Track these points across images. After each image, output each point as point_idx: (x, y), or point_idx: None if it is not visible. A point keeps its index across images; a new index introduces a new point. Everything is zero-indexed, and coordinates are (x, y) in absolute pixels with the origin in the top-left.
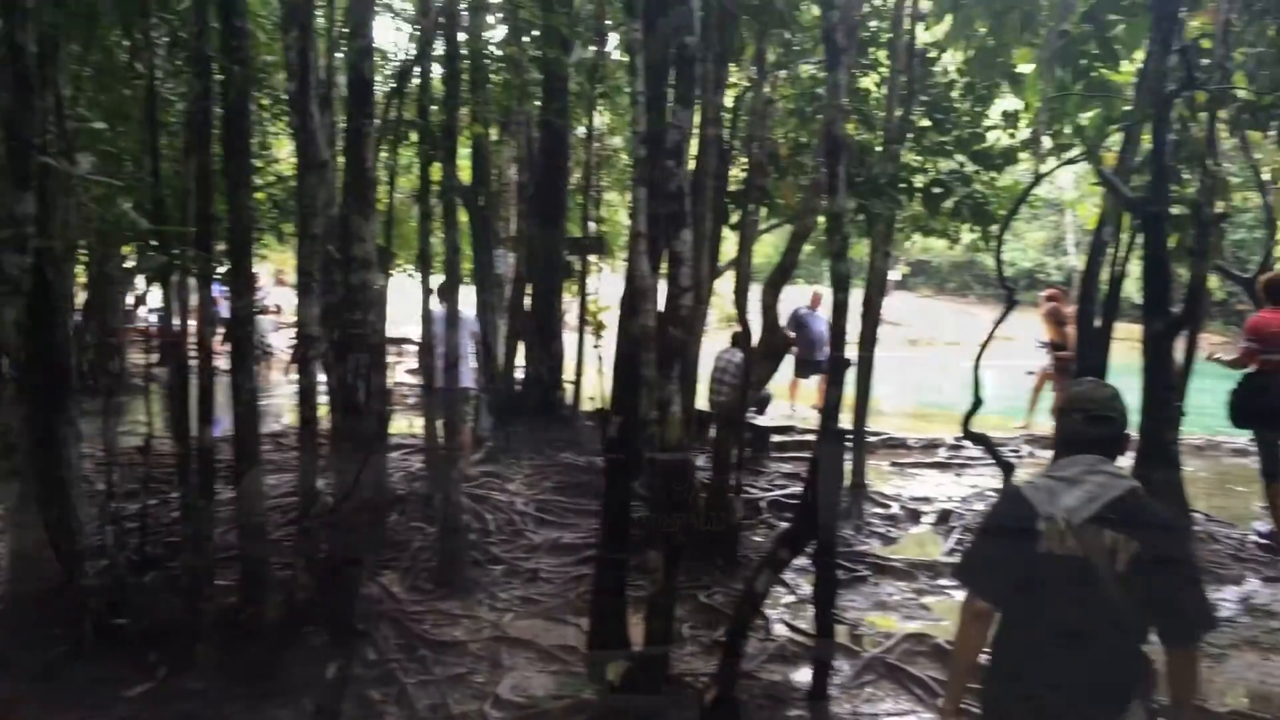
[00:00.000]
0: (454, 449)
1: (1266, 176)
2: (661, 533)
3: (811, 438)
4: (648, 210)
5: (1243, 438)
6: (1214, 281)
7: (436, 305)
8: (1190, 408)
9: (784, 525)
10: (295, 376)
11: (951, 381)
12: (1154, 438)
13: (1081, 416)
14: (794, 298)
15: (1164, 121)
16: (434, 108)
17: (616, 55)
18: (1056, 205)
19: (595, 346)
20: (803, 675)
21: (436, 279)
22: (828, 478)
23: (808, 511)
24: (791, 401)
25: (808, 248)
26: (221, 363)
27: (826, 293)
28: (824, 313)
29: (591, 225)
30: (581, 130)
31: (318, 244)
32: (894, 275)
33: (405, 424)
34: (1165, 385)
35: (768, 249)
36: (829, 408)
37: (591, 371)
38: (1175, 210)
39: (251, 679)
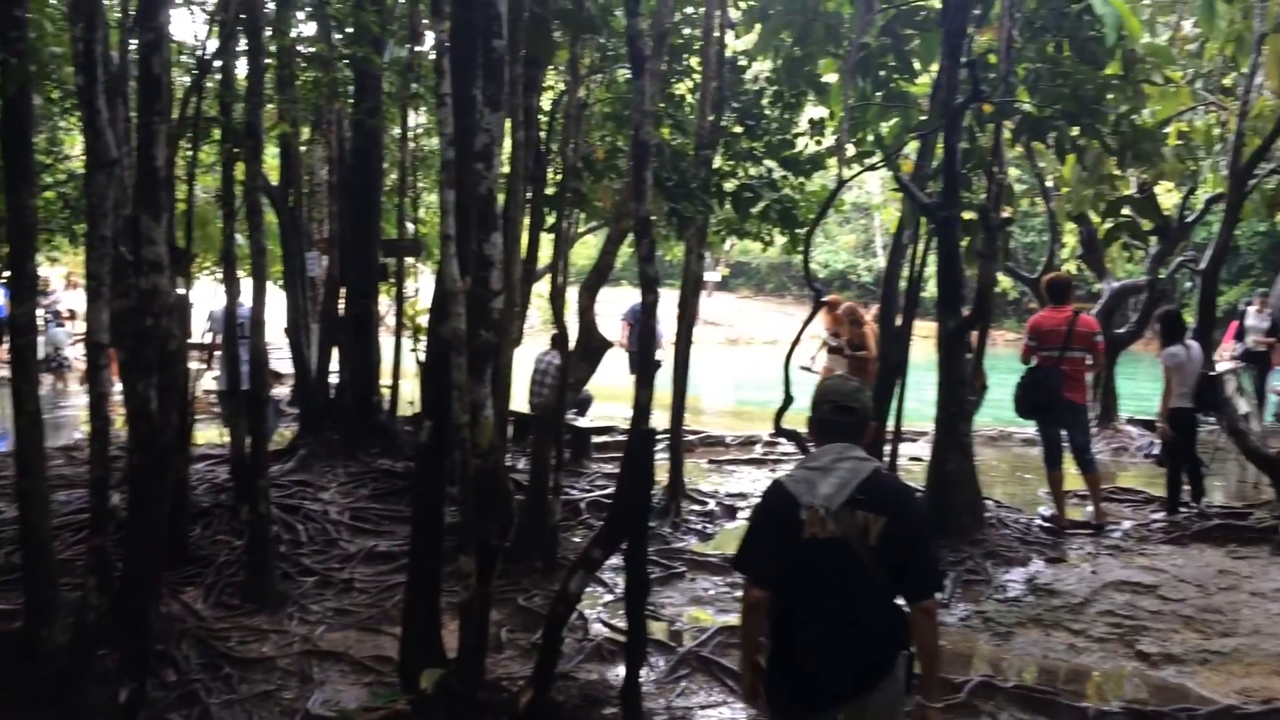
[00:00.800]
0: (259, 457)
1: (1050, 184)
2: (475, 537)
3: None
4: (456, 213)
5: (1031, 428)
6: (1008, 282)
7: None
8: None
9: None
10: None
11: (768, 379)
12: (949, 429)
13: (830, 408)
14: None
15: (954, 131)
16: (239, 105)
17: (434, 55)
18: (865, 209)
19: (413, 350)
20: (620, 673)
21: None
22: (639, 477)
23: (620, 511)
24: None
25: (627, 249)
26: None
27: (661, 292)
28: (659, 309)
29: (410, 227)
30: (397, 131)
31: (107, 246)
32: (714, 276)
33: (215, 433)
34: (958, 379)
35: (592, 251)
36: (639, 408)
37: (410, 375)
38: (966, 215)
39: (37, 706)
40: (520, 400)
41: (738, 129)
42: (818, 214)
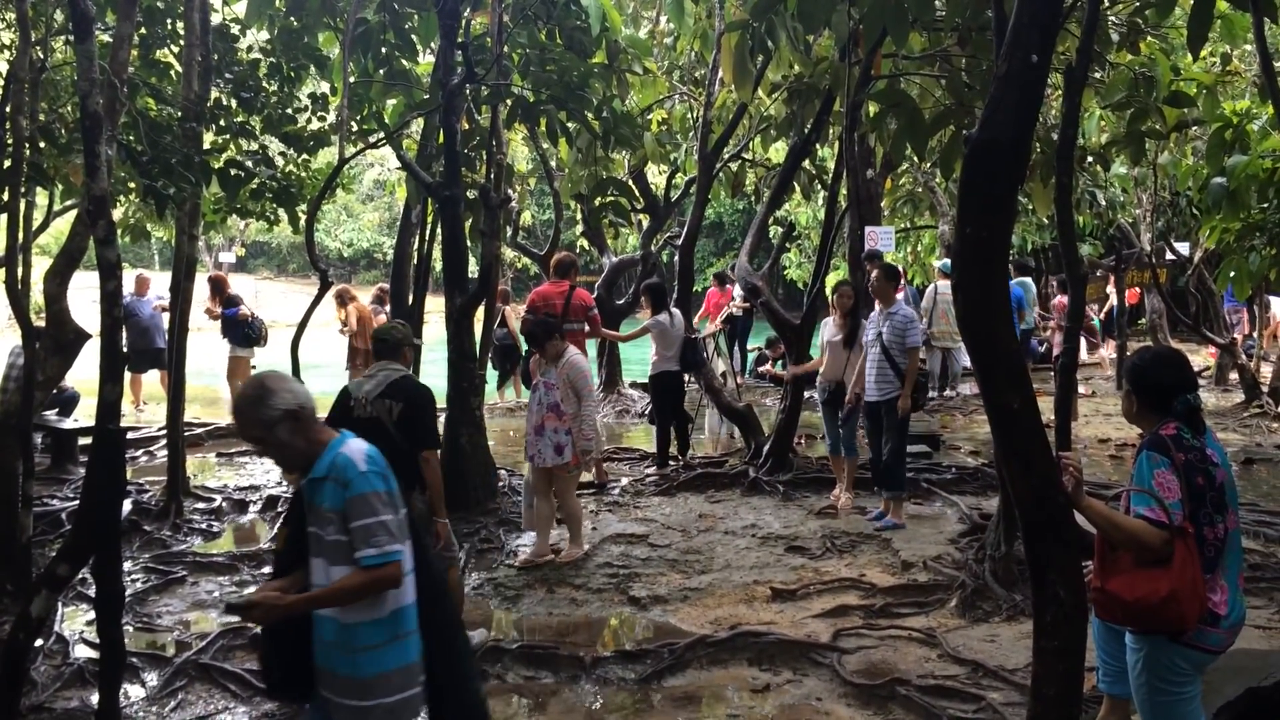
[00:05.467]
0: None
1: (554, 165)
2: None
3: (147, 436)
4: None
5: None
6: (516, 257)
7: None
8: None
9: None
10: None
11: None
12: (461, 403)
13: (378, 341)
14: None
15: (452, 112)
16: None
17: None
18: (383, 186)
19: None
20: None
21: None
22: (107, 481)
23: (87, 520)
24: (135, 401)
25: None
26: None
27: (156, 277)
28: (155, 297)
29: None
30: None
31: None
32: (228, 257)
33: None
34: (467, 355)
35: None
36: (106, 405)
37: None
38: (470, 194)
39: None
40: None
41: (232, 102)
42: (318, 194)
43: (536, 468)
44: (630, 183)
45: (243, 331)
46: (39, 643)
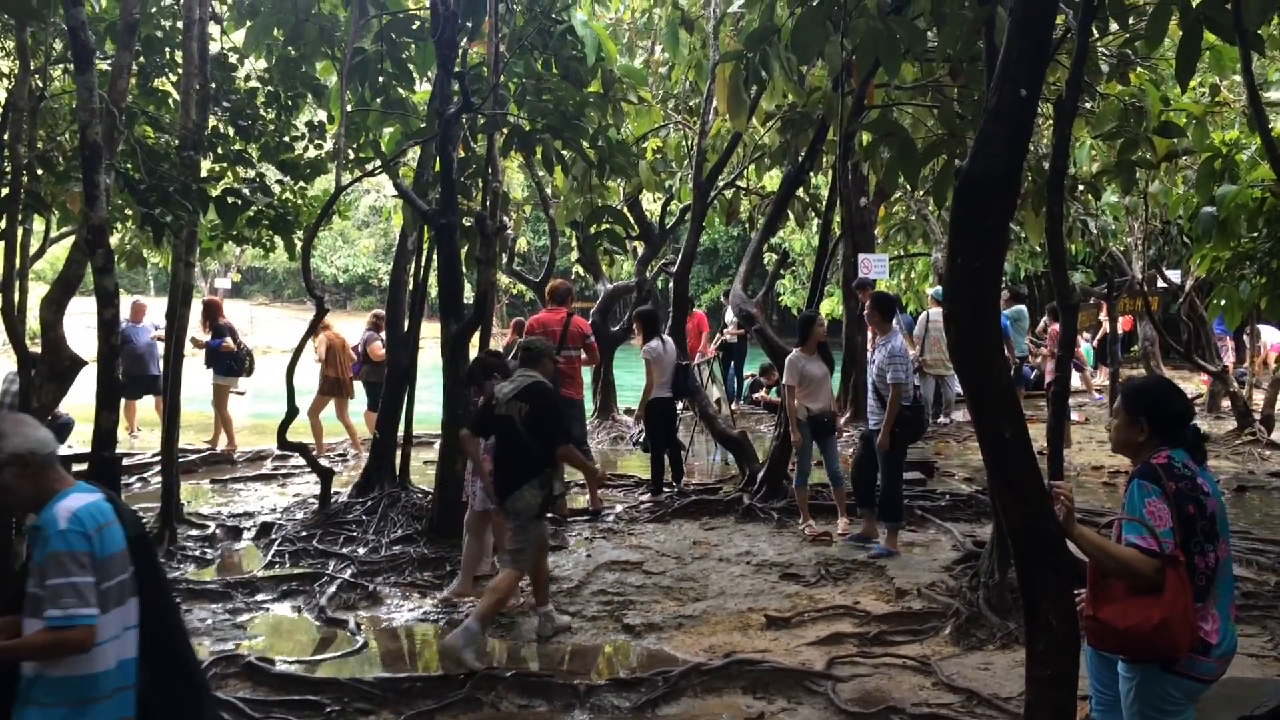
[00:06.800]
0: None
1: (550, 192)
2: None
3: (141, 463)
4: None
5: None
6: (511, 283)
7: None
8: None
9: None
10: None
11: (284, 391)
12: (455, 430)
13: (523, 350)
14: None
15: (448, 140)
16: None
17: None
18: (379, 213)
19: None
20: None
21: None
22: None
23: None
24: (129, 428)
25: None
26: None
27: (151, 303)
28: (152, 325)
29: None
30: None
31: None
32: (224, 284)
33: None
34: (462, 383)
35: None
36: (102, 433)
37: None
38: (466, 222)
39: None
40: None
41: (229, 130)
42: (315, 221)
43: (473, 509)
44: (625, 210)
45: (226, 362)
46: None
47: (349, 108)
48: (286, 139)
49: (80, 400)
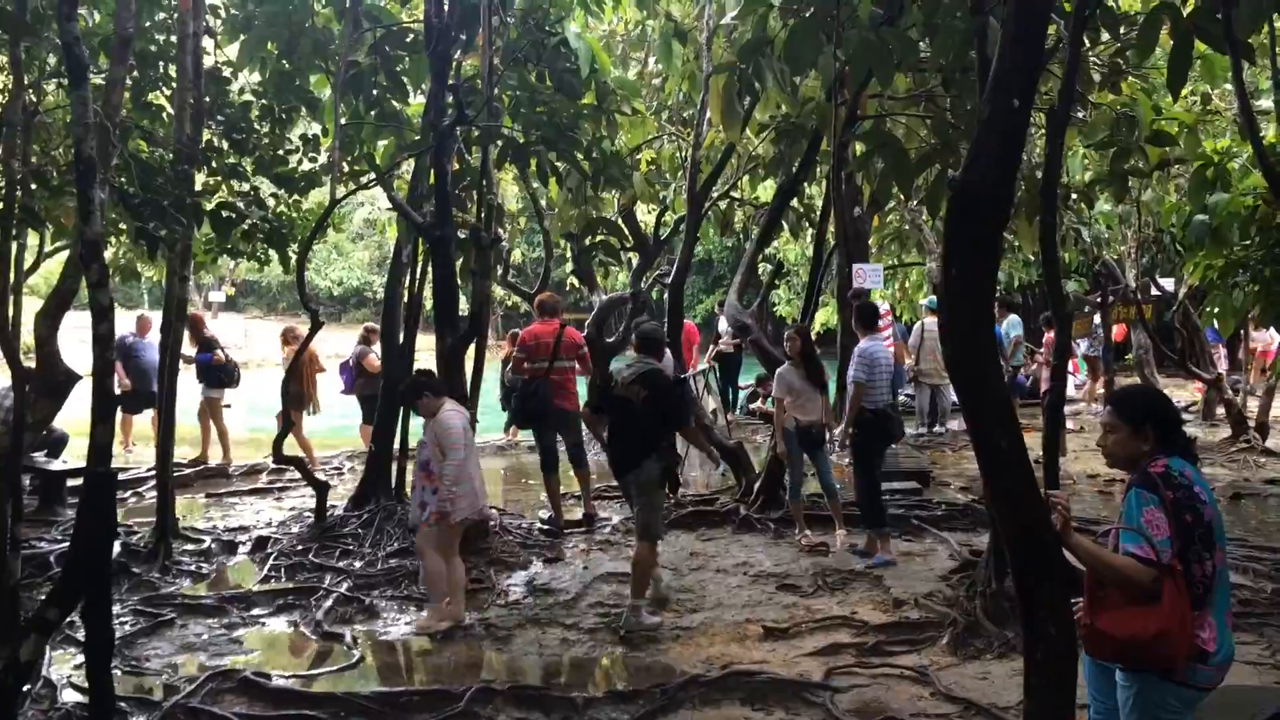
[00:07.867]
0: None
1: (545, 204)
2: None
3: (136, 477)
4: None
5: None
6: (506, 295)
7: None
8: (484, 411)
9: None
10: None
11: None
12: None
13: (642, 338)
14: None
15: (443, 153)
16: None
17: None
18: (374, 225)
19: None
20: None
21: None
22: (98, 524)
23: (77, 564)
24: (125, 442)
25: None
26: None
27: (155, 317)
28: (155, 339)
29: None
30: None
31: None
32: (218, 297)
33: None
34: (460, 395)
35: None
36: (97, 448)
37: None
38: (461, 234)
39: None
40: None
41: (224, 144)
42: (309, 234)
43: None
44: (620, 222)
45: (216, 375)
46: (27, 687)
47: (343, 121)
48: (281, 152)
49: (76, 415)
